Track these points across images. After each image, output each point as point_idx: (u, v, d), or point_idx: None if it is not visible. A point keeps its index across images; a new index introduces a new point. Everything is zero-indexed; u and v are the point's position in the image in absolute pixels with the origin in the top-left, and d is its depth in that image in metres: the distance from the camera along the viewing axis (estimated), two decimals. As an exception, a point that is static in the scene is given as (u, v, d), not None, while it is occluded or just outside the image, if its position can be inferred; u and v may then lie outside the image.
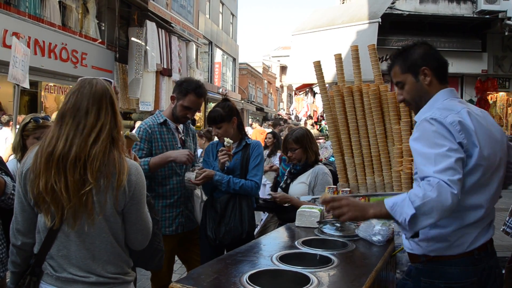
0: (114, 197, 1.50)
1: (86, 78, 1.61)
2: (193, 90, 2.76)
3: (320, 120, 14.26)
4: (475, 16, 11.69)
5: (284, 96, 49.81)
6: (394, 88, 1.98)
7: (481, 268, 1.60)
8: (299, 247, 2.08)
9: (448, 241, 1.59)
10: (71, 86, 1.63)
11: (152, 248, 1.76)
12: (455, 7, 11.84)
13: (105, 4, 10.80)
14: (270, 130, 8.35)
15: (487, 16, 11.51)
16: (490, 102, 13.48)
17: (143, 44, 11.10)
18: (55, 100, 9.84)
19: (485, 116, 1.67)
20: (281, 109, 43.87)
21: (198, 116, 17.79)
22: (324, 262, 1.84)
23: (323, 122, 13.24)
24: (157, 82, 11.81)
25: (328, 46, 10.00)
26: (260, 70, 36.11)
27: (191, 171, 2.72)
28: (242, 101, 26.67)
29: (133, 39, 11.12)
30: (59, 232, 1.51)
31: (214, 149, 2.92)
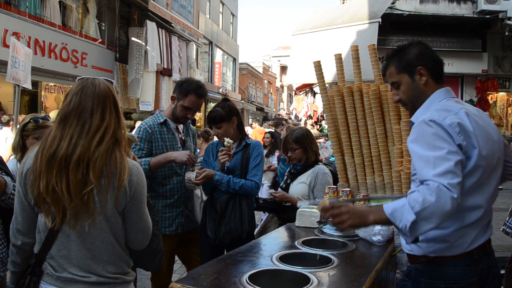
0: (115, 197, 1.50)
1: (87, 78, 1.60)
2: (194, 91, 2.76)
3: (320, 120, 14.27)
4: (475, 16, 11.71)
5: (284, 96, 49.80)
6: (394, 88, 1.98)
7: (480, 268, 1.60)
8: (299, 247, 2.08)
9: (448, 242, 1.59)
10: (71, 86, 1.62)
11: (152, 249, 1.75)
12: (455, 7, 11.85)
13: (105, 4, 10.80)
14: (269, 130, 8.34)
15: (487, 16, 11.53)
16: (490, 102, 13.50)
17: (143, 44, 11.10)
18: (55, 100, 9.85)
19: (482, 116, 1.67)
20: (281, 109, 43.84)
21: (198, 116, 17.78)
22: (324, 262, 1.85)
23: (323, 122, 13.25)
24: (157, 82, 11.82)
25: (328, 46, 10.01)
26: (260, 70, 36.11)
27: (191, 171, 2.72)
28: (242, 101, 26.67)
29: (133, 39, 11.13)
30: (60, 232, 1.51)
31: (214, 149, 2.92)
